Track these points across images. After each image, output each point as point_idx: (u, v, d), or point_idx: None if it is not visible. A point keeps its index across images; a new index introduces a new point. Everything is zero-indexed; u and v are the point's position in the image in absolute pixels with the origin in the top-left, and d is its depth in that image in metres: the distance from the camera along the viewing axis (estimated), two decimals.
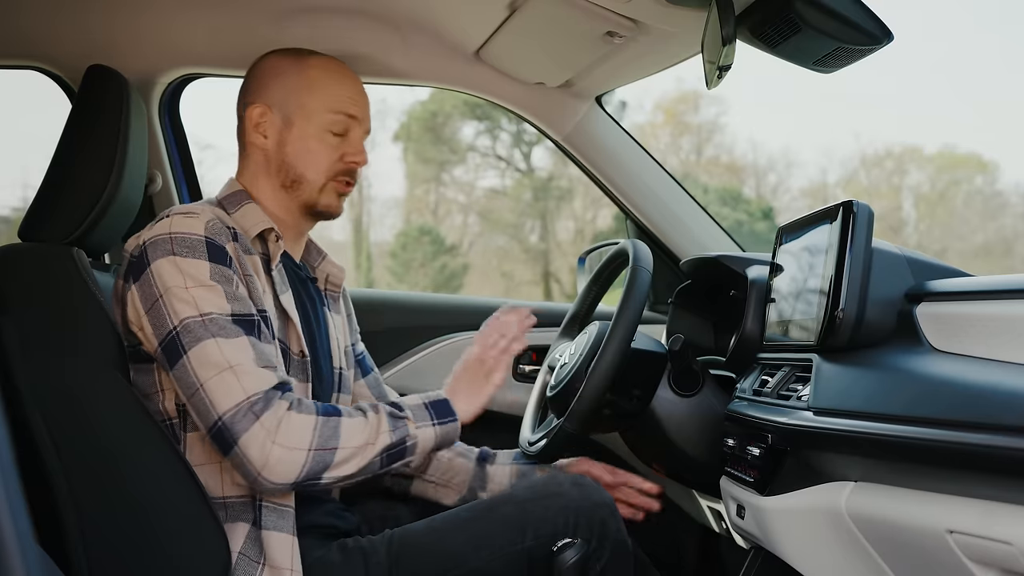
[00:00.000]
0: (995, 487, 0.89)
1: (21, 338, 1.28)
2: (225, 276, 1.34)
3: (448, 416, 1.43)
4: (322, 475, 1.31)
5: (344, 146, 1.55)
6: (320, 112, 1.52)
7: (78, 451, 1.26)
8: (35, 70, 1.93)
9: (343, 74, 1.57)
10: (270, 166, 1.53)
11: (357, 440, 1.33)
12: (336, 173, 1.54)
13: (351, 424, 1.35)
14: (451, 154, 16.80)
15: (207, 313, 1.31)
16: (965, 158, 16.97)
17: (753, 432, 1.35)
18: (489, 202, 16.86)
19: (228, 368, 1.28)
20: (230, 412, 1.27)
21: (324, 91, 1.53)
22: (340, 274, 1.66)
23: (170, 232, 1.34)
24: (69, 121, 1.45)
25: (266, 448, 1.27)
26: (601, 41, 1.65)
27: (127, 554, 1.28)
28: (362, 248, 16.13)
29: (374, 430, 1.35)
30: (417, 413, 1.40)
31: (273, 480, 1.29)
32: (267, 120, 1.53)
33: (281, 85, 1.53)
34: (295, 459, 1.28)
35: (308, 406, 1.33)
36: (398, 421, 1.38)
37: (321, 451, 1.30)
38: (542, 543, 1.40)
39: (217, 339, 1.30)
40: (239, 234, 1.41)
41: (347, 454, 1.32)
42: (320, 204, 1.55)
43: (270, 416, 1.28)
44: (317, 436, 1.30)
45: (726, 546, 1.86)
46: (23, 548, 0.61)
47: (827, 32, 1.32)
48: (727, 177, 16.89)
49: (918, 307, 1.17)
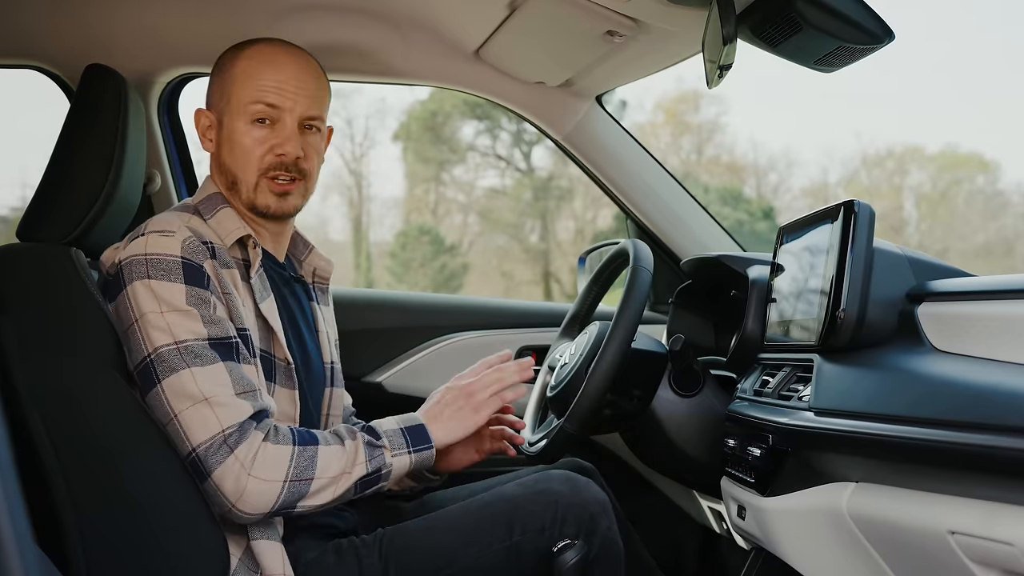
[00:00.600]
0: (996, 488, 0.89)
1: (19, 338, 1.27)
2: (202, 299, 1.32)
3: (424, 444, 1.40)
4: (296, 504, 1.31)
5: (272, 137, 1.44)
6: (242, 104, 1.44)
7: (76, 451, 1.26)
8: (34, 69, 1.92)
9: (276, 59, 1.46)
10: (218, 170, 1.49)
11: (333, 470, 1.32)
12: (267, 168, 1.44)
13: (328, 453, 1.33)
14: (451, 153, 16.82)
15: (182, 340, 1.29)
16: (967, 158, 16.98)
17: (754, 432, 1.35)
18: (489, 202, 16.88)
19: (203, 400, 1.27)
20: (204, 445, 1.27)
21: (247, 82, 1.45)
22: (328, 267, 1.64)
23: (145, 253, 1.32)
24: (67, 120, 1.44)
25: (241, 480, 1.26)
26: (601, 40, 1.65)
27: (126, 554, 1.27)
28: (361, 248, 16.16)
29: (351, 460, 1.34)
30: (394, 440, 1.38)
31: (246, 511, 1.28)
32: (209, 123, 1.49)
33: (216, 85, 1.49)
34: (270, 490, 1.28)
35: (284, 435, 1.31)
36: (375, 450, 1.36)
37: (296, 482, 1.29)
38: (530, 538, 1.39)
39: (192, 369, 1.28)
40: (216, 249, 1.38)
41: (322, 484, 1.31)
42: (258, 204, 1.46)
43: (245, 448, 1.27)
44: (293, 467, 1.29)
45: (727, 547, 1.86)
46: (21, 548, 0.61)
47: (828, 31, 1.32)
48: (728, 177, 16.91)
49: (919, 307, 1.17)
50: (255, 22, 1.77)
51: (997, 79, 22.42)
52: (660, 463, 1.68)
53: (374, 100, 18.80)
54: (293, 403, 1.45)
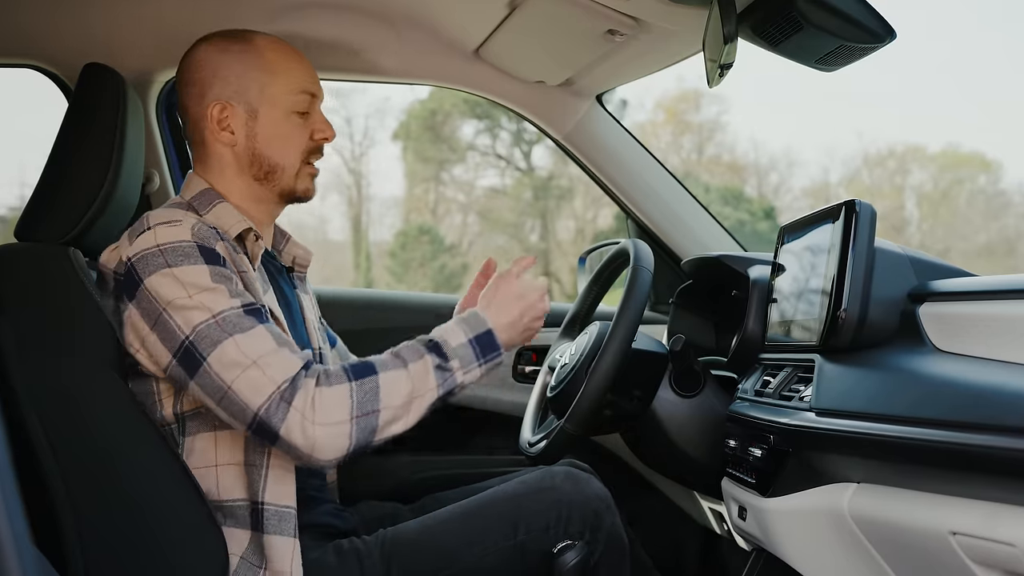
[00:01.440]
0: (998, 488, 0.89)
1: (17, 338, 1.27)
2: (225, 275, 1.32)
3: (494, 352, 1.39)
4: (372, 439, 1.29)
5: (310, 124, 1.50)
6: (284, 95, 1.47)
7: (75, 452, 1.26)
8: (32, 68, 1.92)
9: (293, 51, 1.52)
10: (240, 162, 1.48)
11: (399, 397, 1.31)
12: (308, 153, 1.51)
13: (390, 380, 1.31)
14: (451, 153, 16.82)
15: (219, 312, 1.28)
16: (968, 157, 16.97)
17: (755, 433, 1.34)
18: (489, 201, 16.88)
19: (252, 364, 1.26)
20: (264, 407, 1.25)
21: (284, 72, 1.48)
22: (307, 255, 1.64)
23: (157, 244, 1.31)
24: (65, 120, 1.44)
25: (308, 431, 1.25)
26: (602, 39, 1.65)
27: (124, 555, 1.27)
28: (361, 248, 16.15)
29: (420, 384, 1.32)
30: (463, 355, 1.36)
31: (326, 458, 1.27)
32: (229, 115, 1.46)
33: (237, 75, 1.46)
34: (340, 432, 1.26)
35: (337, 375, 1.30)
36: (445, 373, 1.34)
37: (363, 416, 1.28)
38: (535, 537, 1.39)
39: (235, 337, 1.27)
40: (223, 234, 1.39)
41: (391, 414, 1.30)
42: (299, 189, 1.51)
43: (301, 398, 1.26)
44: (355, 404, 1.28)
45: (727, 548, 1.86)
46: (20, 550, 0.61)
47: (829, 30, 1.32)
48: (729, 176, 16.91)
49: (921, 307, 1.17)
50: (253, 20, 1.77)
51: (999, 78, 22.45)
52: (660, 464, 1.67)
53: (374, 99, 18.85)
54: None
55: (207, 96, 1.46)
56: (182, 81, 1.49)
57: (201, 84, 1.47)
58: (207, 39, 1.50)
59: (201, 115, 1.47)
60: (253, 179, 1.48)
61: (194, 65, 1.48)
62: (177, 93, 1.52)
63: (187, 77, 1.49)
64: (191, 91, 1.48)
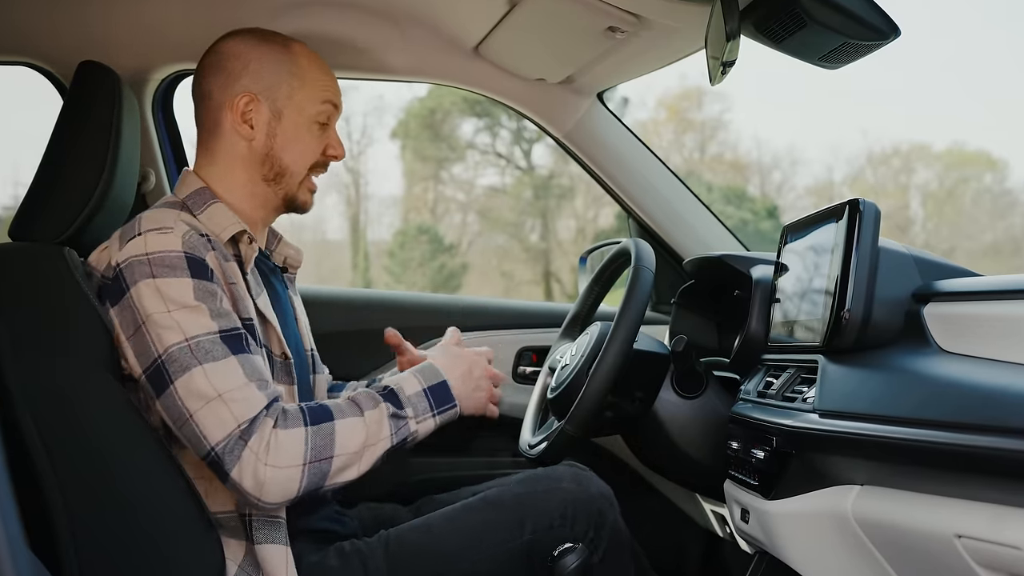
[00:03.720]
0: (1004, 491, 0.89)
1: (12, 338, 1.27)
2: (209, 291, 1.31)
3: (448, 403, 1.41)
4: (323, 484, 1.29)
5: (325, 138, 1.52)
6: (311, 103, 1.48)
7: (69, 453, 1.25)
8: (26, 66, 1.91)
9: (323, 62, 1.53)
10: (253, 158, 1.47)
11: (353, 444, 1.31)
12: (317, 166, 1.52)
13: (345, 427, 1.31)
14: (450, 151, 16.81)
15: (192, 337, 1.27)
16: (974, 156, 16.94)
17: (757, 435, 1.34)
18: (489, 200, 16.89)
19: (217, 397, 1.26)
20: (221, 443, 1.25)
21: (314, 81, 1.49)
22: (299, 256, 1.64)
23: (146, 253, 1.30)
24: (60, 118, 1.43)
25: (259, 473, 1.25)
26: (603, 36, 1.65)
27: (119, 557, 1.27)
28: (359, 247, 16.15)
29: (374, 432, 1.33)
30: (417, 405, 1.38)
31: (272, 501, 1.27)
32: (254, 110, 1.46)
33: (270, 73, 1.47)
34: (290, 476, 1.26)
35: (294, 417, 1.29)
36: (399, 422, 1.35)
37: (316, 463, 1.28)
38: (540, 536, 1.40)
39: (204, 366, 1.26)
40: (214, 241, 1.38)
41: (344, 461, 1.30)
42: (299, 199, 1.52)
43: (257, 439, 1.25)
44: (310, 449, 1.28)
45: (730, 551, 1.86)
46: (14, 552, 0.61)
47: (833, 27, 1.31)
48: (731, 175, 16.91)
49: (926, 307, 1.16)
50: (252, 18, 1.76)
51: (1004, 76, 22.46)
52: (662, 466, 1.67)
53: (372, 97, 18.86)
54: (292, 398, 1.45)
55: (235, 86, 1.46)
56: (209, 66, 1.49)
57: (230, 73, 1.47)
58: (242, 31, 1.51)
59: (225, 103, 1.46)
60: (262, 179, 1.49)
61: (226, 53, 1.48)
62: (198, 77, 1.51)
63: (215, 63, 1.48)
64: (217, 78, 1.47)
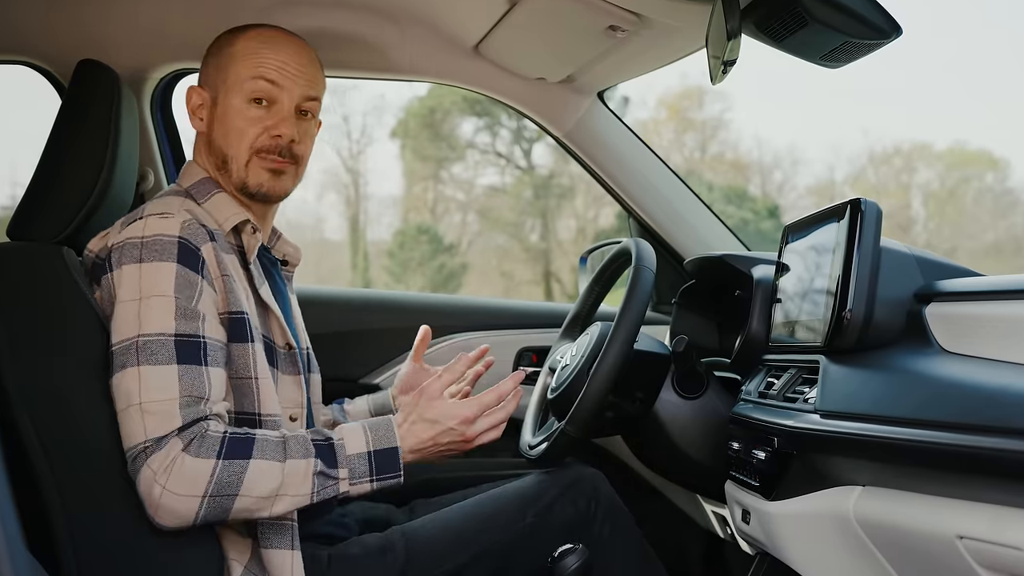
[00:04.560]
0: (1006, 492, 0.89)
1: (10, 338, 1.26)
2: (189, 282, 1.29)
3: (391, 473, 1.33)
4: (225, 519, 1.25)
5: (268, 118, 1.43)
6: (240, 81, 1.43)
7: (67, 453, 1.25)
8: (24, 65, 1.91)
9: (276, 41, 1.46)
10: (209, 149, 1.46)
11: (262, 489, 1.24)
12: (260, 148, 1.43)
13: (259, 469, 1.25)
14: (450, 151, 16.78)
15: (144, 334, 1.25)
16: (976, 155, 16.88)
17: (759, 435, 1.33)
18: (489, 200, 16.86)
19: (137, 405, 1.23)
20: (130, 451, 1.23)
21: (247, 59, 1.44)
22: (297, 253, 1.63)
23: (143, 236, 1.30)
24: (59, 117, 1.43)
25: (154, 492, 1.20)
26: (603, 35, 1.65)
27: (117, 557, 1.26)
28: (359, 247, 16.12)
29: (292, 482, 1.26)
30: (356, 468, 1.30)
31: (166, 523, 1.23)
32: (200, 101, 1.47)
33: (212, 63, 1.48)
34: (187, 506, 1.21)
35: (209, 446, 1.23)
36: (326, 480, 1.28)
37: (218, 498, 1.22)
38: (543, 517, 1.46)
39: (141, 368, 1.24)
40: (215, 233, 1.37)
41: (249, 503, 1.24)
42: (250, 183, 1.44)
43: (159, 460, 1.21)
44: (214, 483, 1.22)
45: (731, 552, 1.86)
46: (12, 553, 0.61)
47: (834, 26, 1.31)
48: (732, 175, 16.88)
49: (927, 307, 1.16)
50: (249, 17, 1.75)
51: (1006, 75, 22.43)
52: (663, 467, 1.67)
53: (371, 96, 18.75)
54: (299, 388, 1.44)
55: (196, 83, 1.50)
56: None
57: (200, 72, 1.53)
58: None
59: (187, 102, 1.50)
60: (216, 168, 1.46)
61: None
62: None
63: None
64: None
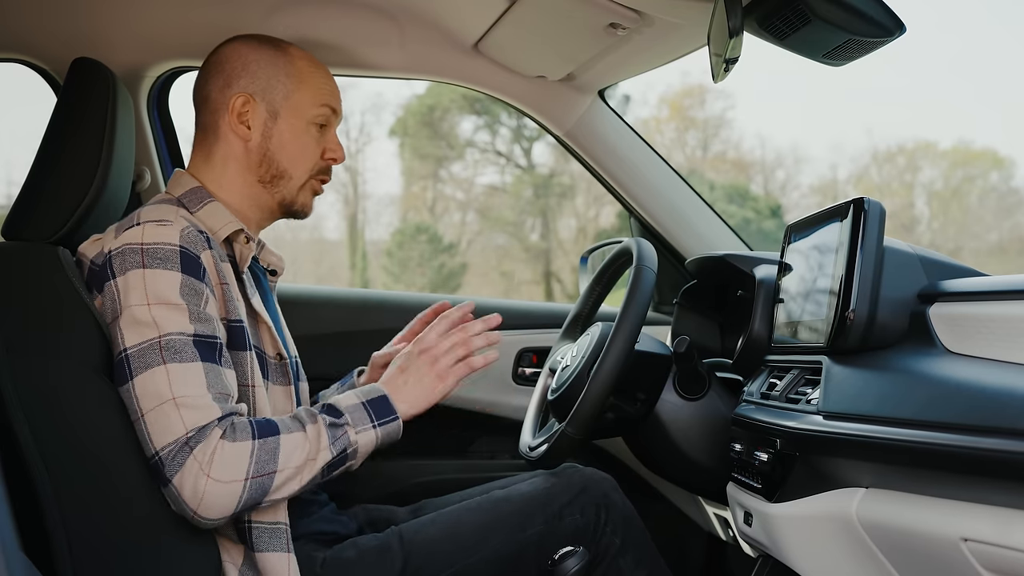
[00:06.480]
0: (1011, 494, 0.89)
1: (4, 340, 1.26)
2: (195, 290, 1.30)
3: (388, 415, 1.36)
4: (262, 500, 1.27)
5: (324, 141, 1.52)
6: (309, 105, 1.49)
7: (63, 455, 1.24)
8: (19, 63, 1.90)
9: (322, 67, 1.54)
10: (250, 159, 1.48)
11: (297, 459, 1.28)
12: (318, 171, 1.52)
13: (290, 441, 1.28)
14: (449, 150, 16.78)
15: (166, 334, 1.26)
16: (980, 154, 16.88)
17: (761, 437, 1.33)
18: (488, 199, 16.87)
19: (171, 400, 1.23)
20: (167, 448, 1.23)
21: (312, 84, 1.50)
22: (280, 263, 1.64)
23: (142, 243, 1.30)
24: (54, 115, 1.43)
25: (199, 484, 1.21)
26: (604, 33, 1.64)
27: (113, 560, 1.26)
28: (357, 247, 16.14)
29: (314, 445, 1.30)
30: (356, 416, 1.34)
31: (209, 517, 1.24)
32: (251, 110, 1.47)
33: (267, 75, 1.48)
34: (231, 491, 1.23)
35: (243, 431, 1.26)
36: (337, 431, 1.32)
37: (259, 478, 1.25)
38: (552, 526, 1.45)
39: (168, 366, 1.24)
40: (212, 240, 1.37)
41: (287, 476, 1.27)
42: (298, 203, 1.53)
43: (203, 448, 1.22)
44: (254, 463, 1.25)
45: (733, 554, 1.86)
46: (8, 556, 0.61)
47: (837, 24, 1.30)
48: (734, 173, 16.90)
49: (931, 308, 1.16)
50: (249, 15, 1.77)
51: (1010, 74, 22.45)
52: (664, 468, 1.66)
53: (370, 95, 18.77)
54: (290, 399, 1.44)
55: (232, 87, 1.48)
56: (208, 68, 1.51)
57: (228, 74, 1.48)
58: (242, 36, 1.53)
59: (222, 104, 1.48)
60: (257, 180, 1.49)
61: (224, 56, 1.50)
62: (198, 81, 1.53)
63: (214, 65, 1.50)
64: (216, 80, 1.49)
